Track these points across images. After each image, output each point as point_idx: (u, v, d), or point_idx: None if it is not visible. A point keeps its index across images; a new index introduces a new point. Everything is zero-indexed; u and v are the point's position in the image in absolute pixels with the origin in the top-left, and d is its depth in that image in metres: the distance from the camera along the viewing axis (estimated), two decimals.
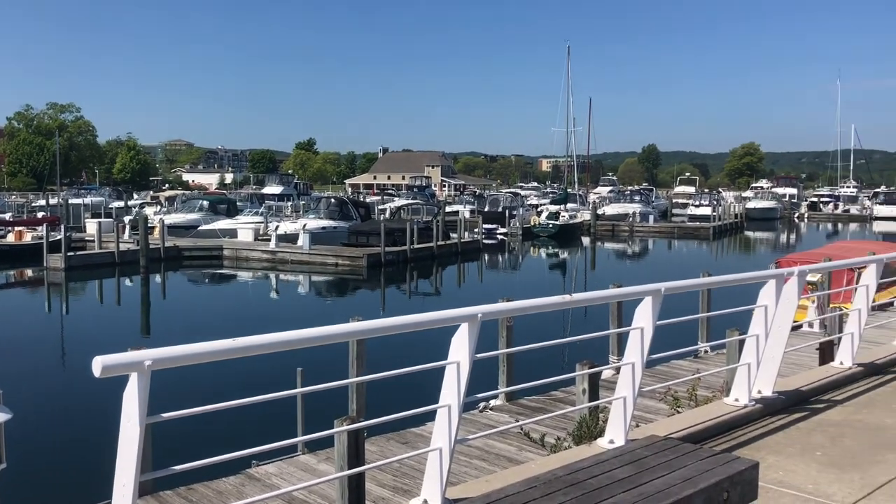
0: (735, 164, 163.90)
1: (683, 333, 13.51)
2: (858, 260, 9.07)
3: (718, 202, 72.13)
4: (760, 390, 6.46)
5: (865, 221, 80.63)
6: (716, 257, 49.40)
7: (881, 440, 5.69)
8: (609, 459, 3.90)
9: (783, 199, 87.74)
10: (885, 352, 8.45)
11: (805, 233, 71.02)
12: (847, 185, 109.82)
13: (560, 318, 18.64)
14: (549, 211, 56.88)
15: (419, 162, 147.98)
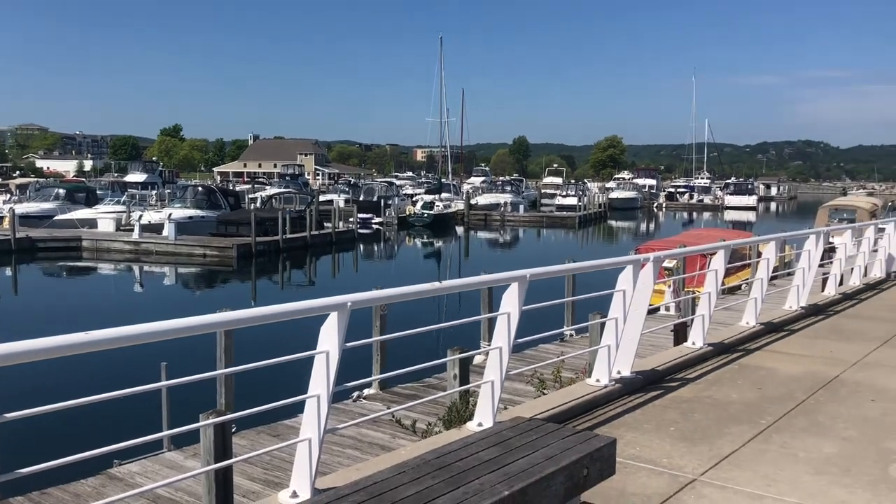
0: (599, 157, 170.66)
1: (551, 318, 13.96)
2: (708, 246, 9.67)
3: (584, 193, 74.95)
4: (620, 371, 6.79)
5: (717, 210, 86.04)
6: (581, 245, 51.37)
7: (727, 414, 6.11)
8: (476, 442, 3.99)
9: (643, 189, 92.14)
10: (732, 332, 9.07)
11: (663, 221, 74.99)
12: (701, 176, 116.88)
13: (435, 306, 18.84)
14: (423, 201, 57.28)
15: (292, 150, 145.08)
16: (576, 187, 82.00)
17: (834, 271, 12.37)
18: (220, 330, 9.24)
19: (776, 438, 5.53)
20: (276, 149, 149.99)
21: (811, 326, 10.01)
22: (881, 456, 5.19)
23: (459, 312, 18.88)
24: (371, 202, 53.37)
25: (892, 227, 15.52)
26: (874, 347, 8.64)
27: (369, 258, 41.30)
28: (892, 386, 6.99)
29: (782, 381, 7.14)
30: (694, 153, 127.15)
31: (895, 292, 13.33)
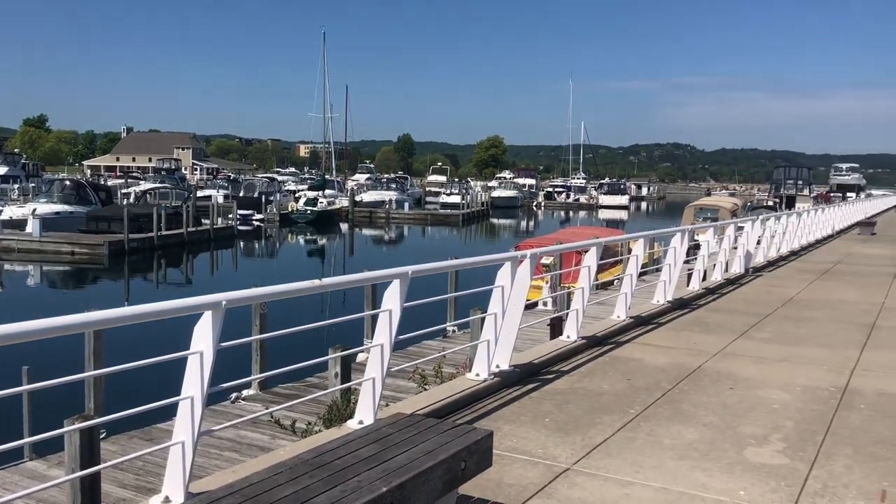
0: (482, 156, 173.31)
1: (435, 314, 14.13)
2: (581, 243, 10.04)
3: (467, 191, 76.09)
4: (499, 365, 6.95)
5: (592, 209, 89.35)
6: (465, 242, 52.14)
7: (598, 404, 6.38)
8: (356, 439, 3.99)
9: (524, 188, 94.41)
10: (604, 325, 9.45)
11: (542, 220, 77.15)
12: (577, 176, 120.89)
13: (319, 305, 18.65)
14: (306, 197, 56.49)
15: (168, 143, 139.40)
16: (459, 186, 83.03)
17: (698, 267, 13.11)
18: (89, 331, 8.83)
19: (644, 427, 5.82)
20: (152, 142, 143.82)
21: (677, 319, 10.57)
22: (738, 440, 5.56)
23: (344, 311, 18.77)
24: (252, 198, 52.09)
25: (751, 225, 16.60)
26: (733, 339, 9.23)
27: (250, 256, 40.32)
28: (749, 375, 7.49)
29: (650, 371, 7.52)
30: (571, 154, 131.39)
31: (753, 287, 14.27)
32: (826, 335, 9.60)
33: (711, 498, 4.51)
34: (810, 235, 24.56)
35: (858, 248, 23.69)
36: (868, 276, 16.03)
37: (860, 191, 79.95)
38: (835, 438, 5.62)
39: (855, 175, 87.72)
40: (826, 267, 17.79)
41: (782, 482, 4.76)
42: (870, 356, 8.44)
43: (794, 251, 21.13)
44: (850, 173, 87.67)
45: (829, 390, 6.97)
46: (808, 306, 11.92)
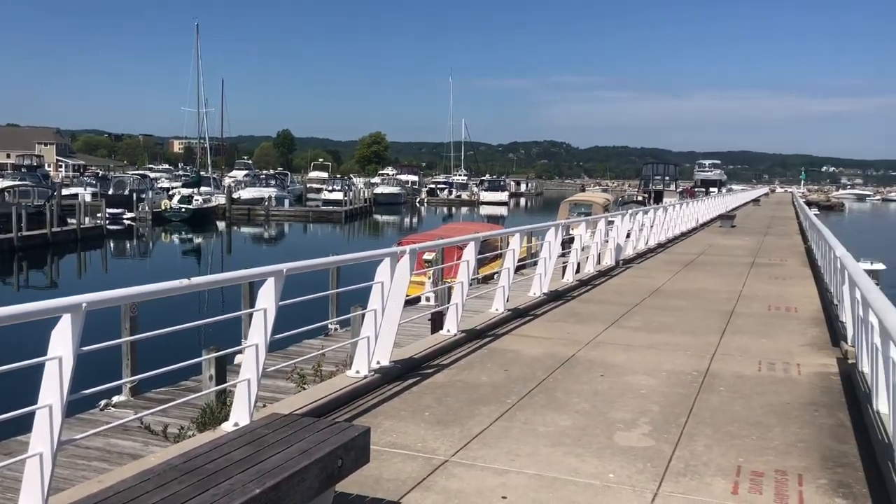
0: (364, 152, 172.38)
1: (318, 312, 13.94)
2: (460, 238, 10.19)
3: (349, 188, 75.53)
4: (380, 361, 6.95)
5: (474, 205, 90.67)
6: (348, 239, 51.75)
7: (477, 396, 6.49)
8: (228, 442, 3.89)
9: (406, 185, 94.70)
10: (483, 318, 9.63)
11: (425, 216, 77.63)
12: (459, 173, 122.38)
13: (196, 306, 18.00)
14: (181, 194, 54.47)
15: (28, 139, 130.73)
16: (341, 182, 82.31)
17: (572, 260, 13.57)
18: None
19: (520, 416, 5.97)
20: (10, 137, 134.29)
21: (552, 311, 10.90)
22: (608, 425, 5.80)
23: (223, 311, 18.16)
24: (122, 196, 49.75)
25: (620, 220, 17.33)
26: (604, 328, 9.61)
27: (121, 256, 38.50)
28: (618, 362, 7.83)
29: (526, 362, 7.72)
30: (452, 151, 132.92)
31: (623, 278, 14.90)
32: (690, 323, 10.15)
33: (583, 482, 4.68)
34: (676, 228, 25.89)
35: (720, 240, 25.17)
36: (728, 266, 17.06)
37: (721, 186, 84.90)
38: (696, 420, 5.96)
39: (717, 171, 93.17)
40: (690, 258, 18.81)
41: (648, 463, 5.00)
42: (728, 341, 9.00)
43: (661, 243, 22.22)
44: (713, 169, 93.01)
45: (691, 374, 7.38)
46: (673, 296, 12.57)
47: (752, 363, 7.88)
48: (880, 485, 4.68)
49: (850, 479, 4.81)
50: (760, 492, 4.58)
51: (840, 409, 6.31)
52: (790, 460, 5.11)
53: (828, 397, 6.66)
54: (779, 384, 7.06)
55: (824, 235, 13.31)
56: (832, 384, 7.11)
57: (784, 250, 21.58)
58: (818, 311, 11.23)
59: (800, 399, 6.58)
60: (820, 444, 5.44)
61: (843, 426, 5.89)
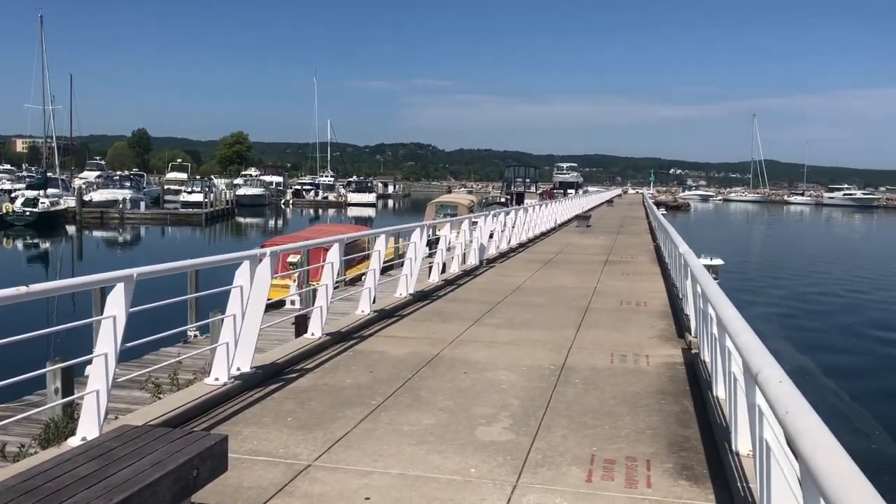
0: (226, 153, 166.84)
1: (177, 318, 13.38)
2: (324, 240, 10.09)
3: (210, 189, 73.04)
4: (240, 367, 6.77)
5: (341, 207, 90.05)
6: (209, 242, 50.04)
7: (341, 399, 6.45)
8: (73, 458, 3.67)
9: (271, 186, 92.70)
10: (349, 321, 9.58)
11: (291, 218, 76.29)
12: (326, 174, 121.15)
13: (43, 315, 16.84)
14: (25, 197, 50.84)
15: None
16: (202, 184, 79.44)
17: (437, 260, 13.74)
18: None
19: (384, 416, 5.98)
20: None
21: (418, 311, 10.99)
22: (470, 421, 5.91)
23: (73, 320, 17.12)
24: None
25: (483, 220, 17.72)
26: (468, 326, 9.80)
27: None
28: (480, 359, 8.00)
29: (392, 362, 7.75)
30: (318, 152, 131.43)
31: (486, 277, 15.24)
32: (548, 318, 10.52)
33: (445, 478, 4.75)
34: (536, 229, 26.76)
35: (577, 239, 26.24)
36: (584, 264, 17.81)
37: (578, 188, 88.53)
38: (554, 412, 6.19)
39: (574, 174, 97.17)
40: (549, 257, 19.49)
41: (508, 456, 5.14)
42: (584, 335, 9.40)
43: (522, 243, 22.90)
44: (570, 172, 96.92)
45: (549, 368, 7.65)
46: (533, 293, 12.99)
47: (606, 356, 8.27)
48: (718, 465, 5.03)
49: (692, 462, 5.14)
50: (612, 478, 4.81)
51: (685, 397, 6.73)
52: (640, 447, 5.40)
53: (674, 386, 7.09)
54: (629, 375, 7.45)
55: (670, 234, 14.15)
56: (678, 373, 7.57)
57: (635, 248, 22.77)
58: (665, 305, 11.92)
59: (648, 388, 6.97)
60: (667, 430, 5.79)
61: (687, 412, 6.28)
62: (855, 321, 21.22)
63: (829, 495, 1.90)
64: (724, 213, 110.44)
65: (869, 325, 20.63)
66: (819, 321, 21.24)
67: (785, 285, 28.94)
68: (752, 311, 20.79)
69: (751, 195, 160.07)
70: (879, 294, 26.74)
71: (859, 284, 29.38)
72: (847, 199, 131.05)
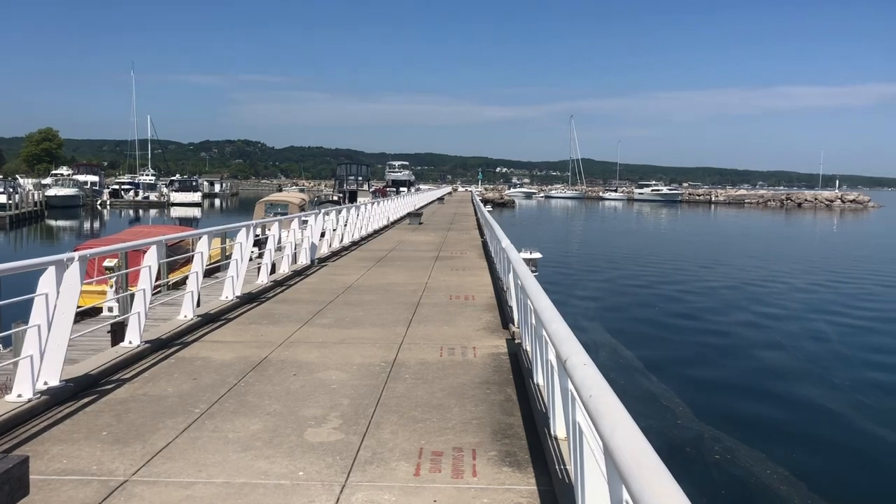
0: (33, 150, 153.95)
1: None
2: (140, 242, 9.58)
3: (15, 189, 67.16)
4: (47, 381, 6.29)
5: (164, 207, 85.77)
6: (15, 248, 45.95)
7: (162, 408, 6.15)
8: None
9: (85, 186, 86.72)
10: (171, 326, 9.14)
11: (108, 219, 71.68)
12: (146, 173, 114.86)
13: None
14: None
15: None
16: (5, 184, 72.79)
17: (266, 260, 13.42)
18: None
19: (208, 424, 5.77)
20: None
21: (246, 313, 10.70)
22: (299, 424, 5.83)
23: None
24: None
25: (314, 219, 17.52)
26: (298, 327, 9.66)
27: None
28: (311, 360, 7.91)
29: (217, 368, 7.49)
30: (137, 149, 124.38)
31: (318, 276, 15.08)
32: (380, 316, 10.58)
33: (272, 483, 4.66)
34: (369, 227, 26.82)
35: (409, 237, 26.56)
36: (416, 261, 18.06)
37: (411, 186, 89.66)
38: (384, 409, 6.23)
39: (406, 172, 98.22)
40: (382, 254, 19.60)
41: (338, 457, 5.12)
42: (414, 331, 9.54)
43: (355, 241, 22.87)
44: (402, 170, 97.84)
45: (380, 365, 7.70)
46: (365, 291, 13.01)
47: (435, 350, 8.44)
48: (539, 449, 5.28)
49: (515, 448, 5.36)
50: (440, 470, 4.92)
51: (508, 385, 7.00)
52: (466, 437, 5.56)
53: (498, 375, 7.36)
54: (457, 367, 7.65)
55: (494, 230, 14.66)
56: (502, 363, 7.87)
57: (464, 244, 23.38)
58: (492, 298, 12.33)
59: (475, 379, 7.19)
60: (491, 420, 5.99)
61: (511, 400, 6.54)
62: (666, 309, 22.98)
63: (623, 470, 2.05)
64: (546, 209, 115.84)
65: (677, 314, 22.41)
66: (634, 309, 22.80)
67: (602, 276, 30.81)
68: (572, 301, 21.98)
69: (570, 192, 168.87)
70: (686, 284, 29.11)
71: (669, 274, 31.83)
72: (655, 195, 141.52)
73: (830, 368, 15.73)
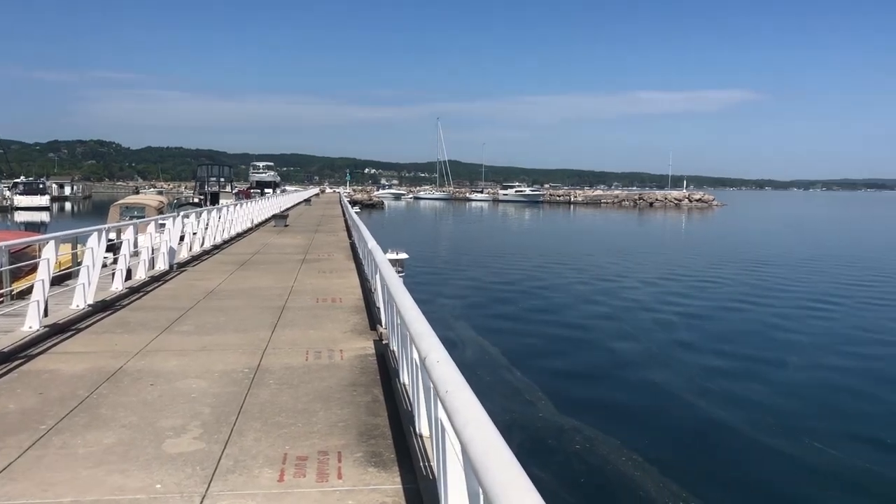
0: None
1: None
2: None
3: None
4: None
5: (7, 211, 79.95)
6: None
7: (3, 427, 5.74)
8: None
9: None
10: (13, 339, 8.53)
11: None
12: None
13: None
14: None
15: None
16: None
17: (120, 266, 12.79)
18: None
19: (56, 440, 5.45)
20: None
21: (99, 322, 10.16)
22: (157, 435, 5.61)
23: None
24: None
25: (173, 222, 16.86)
26: (156, 335, 9.27)
27: None
28: (170, 368, 7.62)
29: (66, 381, 7.08)
30: None
31: (177, 282, 14.52)
32: (243, 321, 10.33)
33: (127, 499, 4.47)
34: (233, 229, 26.09)
35: (274, 239, 26.03)
36: (281, 264, 17.74)
37: (276, 187, 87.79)
38: (247, 416, 6.10)
39: (271, 173, 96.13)
40: (246, 258, 19.11)
41: (198, 467, 4.97)
42: (279, 335, 9.38)
43: (217, 245, 22.19)
44: (267, 171, 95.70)
45: (243, 372, 7.53)
46: (228, 296, 12.65)
47: (301, 354, 8.34)
48: (405, 448, 5.34)
49: (381, 448, 5.39)
50: (304, 475, 4.88)
51: (375, 386, 7.02)
52: (331, 440, 5.54)
53: (365, 377, 7.36)
54: (323, 370, 7.60)
55: (361, 231, 14.64)
56: (369, 364, 7.88)
57: (331, 246, 23.18)
58: (360, 299, 12.31)
59: (341, 382, 7.16)
60: (358, 421, 6.00)
61: (378, 401, 6.57)
62: (529, 305, 23.72)
63: (475, 463, 2.13)
64: (415, 210, 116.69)
65: (539, 309, 23.18)
66: (498, 306, 23.36)
67: (468, 275, 31.40)
68: (439, 300, 22.28)
69: (438, 193, 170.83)
70: (547, 280, 30.15)
71: (531, 271, 32.85)
72: (518, 196, 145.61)
73: (677, 356, 16.77)
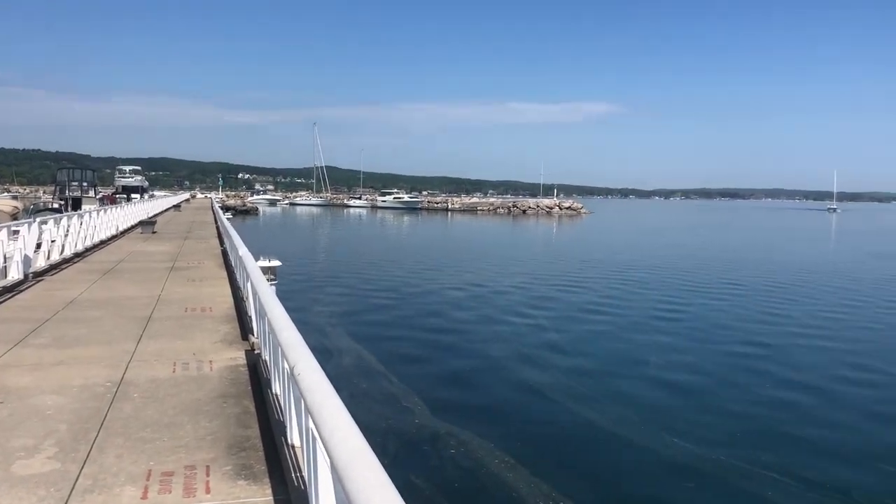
0: None
1: None
2: None
3: None
4: None
5: None
6: None
7: None
8: None
9: None
10: None
11: None
12: None
13: None
14: None
15: None
16: None
17: None
18: None
19: None
20: None
21: None
22: (6, 456, 5.27)
23: None
24: None
25: (28, 228, 15.85)
26: (7, 349, 8.69)
27: None
28: (23, 385, 7.16)
29: None
30: None
31: (33, 292, 13.65)
32: (106, 333, 9.84)
33: None
34: (96, 236, 24.79)
35: (141, 246, 24.91)
36: (148, 272, 17.00)
37: (144, 192, 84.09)
38: (108, 432, 5.83)
39: (138, 177, 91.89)
40: (110, 266, 18.20)
41: (52, 488, 4.71)
42: (145, 346, 9.00)
43: (78, 252, 21.02)
44: (134, 175, 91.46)
45: (105, 386, 7.18)
46: (90, 306, 12.01)
47: (168, 365, 8.03)
48: (276, 460, 5.26)
49: (252, 461, 5.29)
50: (170, 490, 4.71)
51: (246, 397, 6.87)
52: (199, 454, 5.38)
53: (236, 388, 7.19)
54: (192, 382, 7.35)
55: (232, 237, 14.28)
56: (240, 375, 7.69)
57: (202, 253, 22.43)
58: (231, 308, 11.99)
59: (211, 394, 6.96)
60: (227, 434, 5.85)
61: (248, 412, 6.43)
62: (404, 311, 23.83)
63: (340, 471, 2.14)
64: (291, 216, 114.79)
65: (415, 314, 23.34)
66: (375, 313, 23.33)
67: (344, 282, 31.19)
68: (315, 308, 22.04)
69: (315, 199, 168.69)
70: (422, 286, 30.39)
71: (408, 278, 33.01)
72: (397, 203, 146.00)
73: (545, 358, 17.33)
